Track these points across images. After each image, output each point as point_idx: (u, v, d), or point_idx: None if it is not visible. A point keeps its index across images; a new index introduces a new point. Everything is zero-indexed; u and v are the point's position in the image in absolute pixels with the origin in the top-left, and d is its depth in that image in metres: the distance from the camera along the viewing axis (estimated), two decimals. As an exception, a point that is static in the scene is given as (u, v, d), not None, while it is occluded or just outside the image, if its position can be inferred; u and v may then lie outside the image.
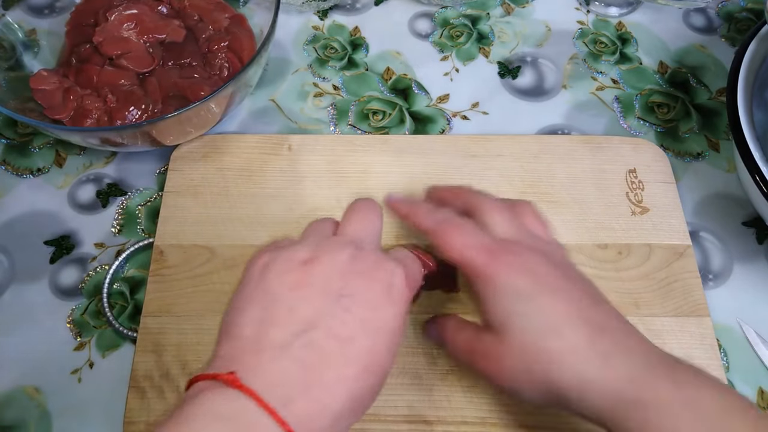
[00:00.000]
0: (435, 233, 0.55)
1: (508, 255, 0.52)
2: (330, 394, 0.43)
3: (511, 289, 0.50)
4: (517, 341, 0.50)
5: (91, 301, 0.68)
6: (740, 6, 0.91)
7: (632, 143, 0.76)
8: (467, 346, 0.54)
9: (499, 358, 0.51)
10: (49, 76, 0.74)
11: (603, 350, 0.48)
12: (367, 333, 0.45)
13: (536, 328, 0.49)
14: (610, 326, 0.50)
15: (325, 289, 0.46)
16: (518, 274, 0.51)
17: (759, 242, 0.73)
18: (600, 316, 0.51)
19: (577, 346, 0.48)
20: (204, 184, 0.73)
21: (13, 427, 0.63)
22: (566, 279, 0.53)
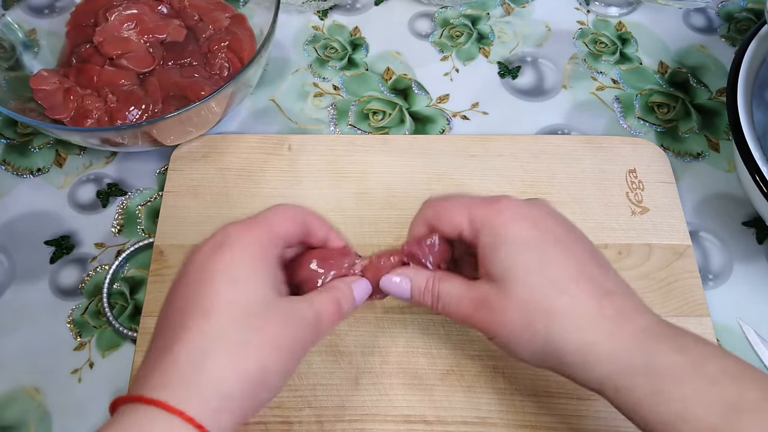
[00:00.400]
0: (434, 214, 0.54)
1: (510, 204, 0.51)
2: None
3: (517, 238, 0.49)
4: (520, 294, 0.48)
5: (91, 301, 0.69)
6: (740, 6, 0.91)
7: (632, 143, 0.76)
8: (461, 299, 0.52)
9: (497, 310, 0.49)
10: (49, 76, 0.74)
11: (609, 314, 0.47)
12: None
13: (541, 282, 0.48)
14: (615, 289, 0.49)
15: None
16: (524, 224, 0.50)
17: (759, 242, 0.73)
18: (604, 277, 0.50)
19: (583, 307, 0.47)
20: (204, 184, 0.73)
21: (14, 427, 0.63)
22: (571, 233, 0.52)
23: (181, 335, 0.43)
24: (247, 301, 0.45)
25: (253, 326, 0.44)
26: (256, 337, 0.44)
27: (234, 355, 0.43)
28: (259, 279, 0.47)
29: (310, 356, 0.63)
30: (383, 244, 0.69)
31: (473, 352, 0.64)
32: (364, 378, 0.62)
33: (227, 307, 0.45)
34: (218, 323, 0.44)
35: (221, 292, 0.45)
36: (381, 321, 0.65)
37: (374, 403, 0.61)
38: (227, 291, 0.45)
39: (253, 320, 0.45)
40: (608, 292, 0.48)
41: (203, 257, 0.48)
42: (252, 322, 0.45)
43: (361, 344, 0.64)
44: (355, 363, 0.63)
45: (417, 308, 0.66)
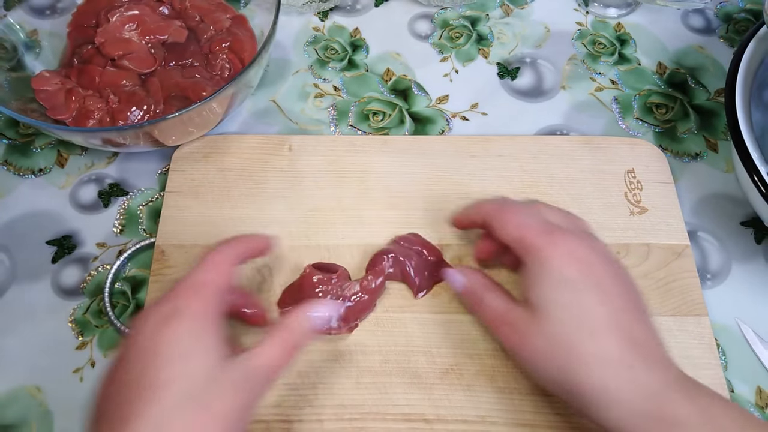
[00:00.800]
0: (493, 214, 0.57)
1: (563, 239, 0.53)
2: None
3: (560, 276, 0.51)
4: (551, 327, 0.51)
5: (93, 301, 0.69)
6: (739, 7, 0.91)
7: (630, 143, 0.77)
8: (498, 311, 0.56)
9: (527, 335, 0.52)
10: (51, 77, 0.75)
11: (632, 364, 0.49)
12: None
13: (573, 322, 0.50)
14: (643, 339, 0.51)
15: None
16: (570, 262, 0.52)
17: (757, 242, 0.73)
18: (636, 325, 0.51)
19: (609, 354, 0.49)
20: (205, 184, 0.73)
21: (15, 427, 0.63)
22: (614, 277, 0.53)
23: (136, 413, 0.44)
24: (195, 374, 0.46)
25: (202, 404, 0.45)
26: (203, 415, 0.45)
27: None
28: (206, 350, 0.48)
29: (311, 355, 0.63)
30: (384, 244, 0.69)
31: (473, 350, 0.64)
32: (364, 377, 0.62)
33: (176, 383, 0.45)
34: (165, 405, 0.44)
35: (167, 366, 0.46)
36: (381, 320, 0.65)
37: (374, 402, 0.61)
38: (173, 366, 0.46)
39: (203, 397, 0.45)
40: (636, 343, 0.50)
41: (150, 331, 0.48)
42: (200, 399, 0.45)
43: (361, 343, 0.64)
44: (355, 362, 0.63)
45: (417, 307, 0.66)
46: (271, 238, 0.61)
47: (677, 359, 0.63)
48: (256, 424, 0.60)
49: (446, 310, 0.66)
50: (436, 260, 0.67)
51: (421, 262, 0.67)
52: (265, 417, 0.60)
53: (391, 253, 0.66)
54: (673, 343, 0.64)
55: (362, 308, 0.64)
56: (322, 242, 0.69)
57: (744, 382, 0.65)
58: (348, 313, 0.63)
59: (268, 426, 0.60)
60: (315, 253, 0.69)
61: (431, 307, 0.66)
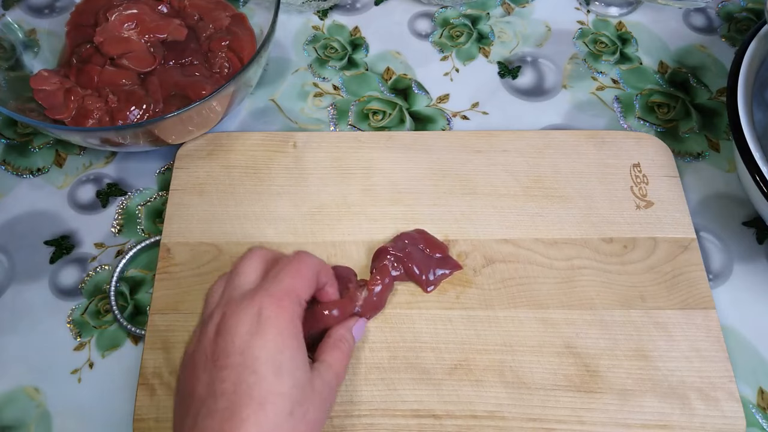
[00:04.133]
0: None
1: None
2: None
3: None
4: None
5: (91, 301, 0.68)
6: (740, 6, 0.91)
7: (636, 138, 0.77)
8: None
9: None
10: (49, 77, 0.74)
11: None
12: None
13: None
14: None
15: None
16: None
17: (759, 242, 0.73)
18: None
19: None
20: (210, 181, 0.73)
21: (13, 427, 0.62)
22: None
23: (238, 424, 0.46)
24: (293, 391, 0.48)
25: (299, 416, 0.48)
26: (302, 425, 0.48)
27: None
28: (298, 363, 0.50)
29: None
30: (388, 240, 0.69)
31: (481, 346, 0.64)
32: (372, 373, 0.62)
33: (277, 399, 0.47)
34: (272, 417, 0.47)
35: (269, 382, 0.48)
36: (388, 316, 0.65)
37: (383, 398, 0.61)
38: (273, 383, 0.48)
39: (299, 409, 0.48)
40: None
41: (242, 343, 0.49)
42: (297, 412, 0.48)
43: (369, 340, 0.64)
44: (363, 358, 0.63)
45: (424, 303, 0.66)
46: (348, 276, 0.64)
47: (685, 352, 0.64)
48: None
49: (453, 306, 0.66)
50: (442, 256, 0.67)
51: (424, 258, 0.67)
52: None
53: (392, 254, 0.66)
54: (680, 337, 0.64)
55: (373, 309, 0.64)
56: (327, 239, 0.69)
57: (746, 382, 0.65)
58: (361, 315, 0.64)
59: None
60: (321, 249, 0.69)
61: (439, 303, 0.66)
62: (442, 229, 0.69)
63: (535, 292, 0.67)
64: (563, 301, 0.66)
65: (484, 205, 0.71)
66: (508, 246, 0.69)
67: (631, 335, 0.65)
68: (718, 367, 0.63)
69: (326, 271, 0.58)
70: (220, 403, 0.47)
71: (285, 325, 0.50)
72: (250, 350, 0.48)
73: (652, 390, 0.62)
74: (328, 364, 0.54)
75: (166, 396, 0.61)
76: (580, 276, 0.68)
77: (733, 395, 0.62)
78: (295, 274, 0.53)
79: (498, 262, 0.68)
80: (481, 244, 0.69)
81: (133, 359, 0.65)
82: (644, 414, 0.61)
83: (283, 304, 0.51)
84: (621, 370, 0.63)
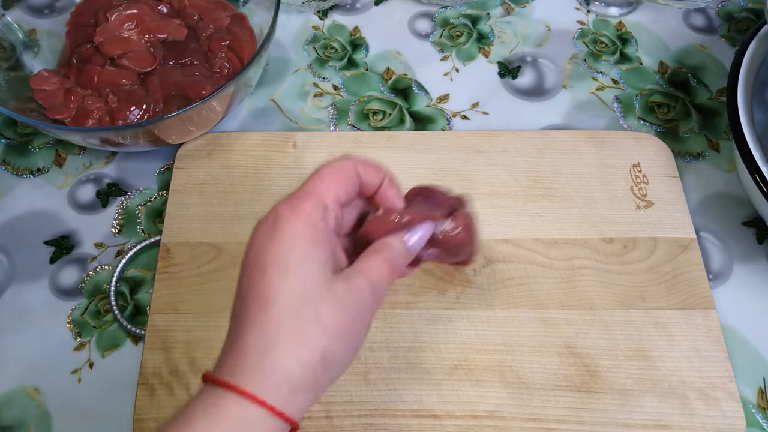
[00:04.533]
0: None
1: None
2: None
3: None
4: None
5: (91, 301, 0.68)
6: (740, 6, 0.91)
7: (636, 138, 0.77)
8: None
9: None
10: (49, 77, 0.74)
11: None
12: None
13: None
14: None
15: None
16: None
17: (759, 242, 0.73)
18: None
19: None
20: (209, 181, 0.73)
21: (13, 427, 0.62)
22: None
23: (246, 327, 0.45)
24: (300, 290, 0.46)
25: (309, 315, 0.45)
26: (312, 326, 0.45)
27: (293, 347, 0.44)
28: (310, 264, 0.47)
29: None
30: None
31: (480, 346, 0.64)
32: (372, 373, 0.62)
33: (281, 296, 0.45)
34: (275, 317, 0.45)
35: (275, 282, 0.46)
36: (388, 316, 0.65)
37: (383, 398, 0.61)
38: (280, 282, 0.46)
39: (307, 309, 0.45)
40: None
41: (258, 243, 0.48)
42: (307, 311, 0.45)
43: (369, 339, 0.64)
44: (363, 358, 0.63)
45: (424, 303, 0.66)
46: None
47: (686, 352, 0.63)
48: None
49: (453, 306, 0.66)
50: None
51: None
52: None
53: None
54: (680, 337, 0.65)
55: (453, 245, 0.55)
56: None
57: (746, 382, 0.65)
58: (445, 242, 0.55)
59: (276, 424, 0.60)
60: None
61: (439, 303, 0.66)
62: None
63: (535, 292, 0.67)
64: (563, 301, 0.66)
65: (484, 205, 0.71)
66: (508, 246, 0.69)
67: (631, 335, 0.65)
68: (718, 367, 0.63)
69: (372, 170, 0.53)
70: (236, 306, 0.47)
71: (300, 227, 0.48)
72: (262, 253, 0.47)
73: (652, 390, 0.62)
74: (360, 270, 0.49)
75: (166, 396, 0.61)
76: (580, 276, 0.68)
77: (733, 395, 0.62)
78: (318, 177, 0.51)
79: (498, 262, 0.68)
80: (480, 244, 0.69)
81: (133, 359, 0.65)
82: (644, 414, 0.61)
83: (299, 207, 0.49)
84: (621, 370, 0.63)
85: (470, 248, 0.57)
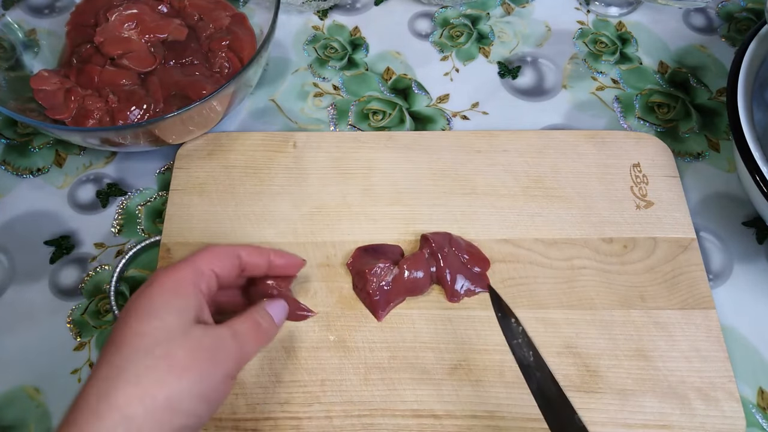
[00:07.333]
0: None
1: None
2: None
3: None
4: None
5: (91, 301, 0.68)
6: (740, 6, 0.91)
7: (636, 138, 0.77)
8: None
9: None
10: (50, 77, 0.74)
11: None
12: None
13: None
14: None
15: None
16: None
17: (759, 242, 0.73)
18: None
19: None
20: (210, 181, 0.73)
21: (13, 427, 0.62)
22: None
23: (96, 369, 0.46)
24: (155, 331, 0.47)
25: (159, 354, 0.46)
26: (161, 363, 0.46)
27: (138, 383, 0.45)
28: (170, 310, 0.49)
29: (318, 352, 0.63)
30: (388, 240, 0.69)
31: (481, 346, 0.64)
32: (372, 373, 0.62)
33: (134, 339, 0.47)
34: (125, 354, 0.46)
35: (132, 325, 0.47)
36: (388, 316, 0.65)
37: (383, 398, 0.61)
38: (137, 324, 0.47)
39: (158, 349, 0.46)
40: None
41: (132, 298, 0.50)
42: (158, 351, 0.46)
43: (369, 340, 0.64)
44: (363, 358, 0.63)
45: (424, 303, 0.66)
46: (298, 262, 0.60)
47: (685, 352, 0.63)
48: (264, 422, 0.60)
49: (453, 306, 0.66)
50: (480, 272, 0.68)
51: (459, 266, 0.67)
52: (274, 414, 0.60)
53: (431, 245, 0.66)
54: (680, 337, 0.65)
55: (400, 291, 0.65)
56: (327, 239, 0.69)
57: (746, 382, 0.65)
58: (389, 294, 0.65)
59: (276, 423, 0.60)
60: (321, 249, 0.69)
61: (438, 303, 0.66)
62: (441, 229, 0.69)
63: (535, 292, 0.67)
64: (563, 301, 0.66)
65: (483, 205, 0.71)
66: (508, 246, 0.69)
67: (631, 335, 0.65)
68: (718, 367, 0.63)
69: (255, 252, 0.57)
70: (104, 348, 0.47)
71: (169, 283, 0.50)
72: (131, 304, 0.49)
73: (652, 390, 0.62)
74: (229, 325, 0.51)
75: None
76: (580, 276, 0.68)
77: (733, 395, 0.62)
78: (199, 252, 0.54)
79: (498, 262, 0.68)
80: (481, 244, 0.69)
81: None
82: (644, 414, 0.61)
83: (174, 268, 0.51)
84: (621, 370, 0.63)
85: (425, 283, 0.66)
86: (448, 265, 0.66)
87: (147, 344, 0.46)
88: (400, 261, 0.65)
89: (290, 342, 0.64)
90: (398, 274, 0.64)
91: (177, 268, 0.51)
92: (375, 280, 0.64)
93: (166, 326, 0.47)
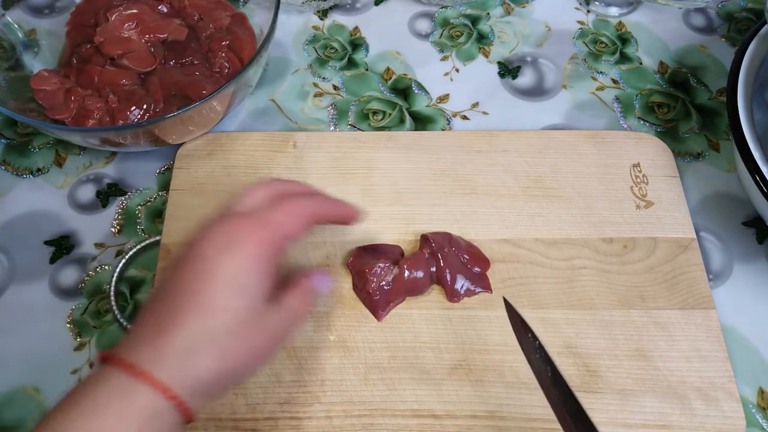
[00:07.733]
0: None
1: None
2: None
3: None
4: None
5: (91, 301, 0.68)
6: (740, 6, 0.91)
7: (636, 138, 0.77)
8: None
9: None
10: (50, 77, 0.74)
11: None
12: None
13: None
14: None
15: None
16: None
17: (759, 242, 0.73)
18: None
19: None
20: (210, 181, 0.73)
21: (13, 427, 0.62)
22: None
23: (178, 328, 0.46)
24: (240, 310, 0.48)
25: (240, 334, 0.48)
26: (239, 344, 0.48)
27: (218, 358, 0.47)
28: (256, 289, 0.50)
29: (318, 352, 0.63)
30: (389, 240, 0.69)
31: (481, 346, 0.64)
32: (372, 373, 0.62)
33: (222, 314, 0.48)
34: (211, 328, 0.47)
35: (220, 296, 0.48)
36: (388, 316, 0.65)
37: (383, 398, 0.61)
38: (225, 297, 0.48)
39: (240, 329, 0.48)
40: None
41: (211, 252, 0.49)
42: (239, 331, 0.48)
43: (369, 340, 0.64)
44: (363, 358, 0.63)
45: (424, 303, 0.66)
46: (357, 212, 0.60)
47: (685, 352, 0.63)
48: (264, 422, 0.60)
49: (453, 306, 0.66)
50: (480, 272, 0.68)
51: (459, 266, 0.67)
52: (274, 414, 0.60)
53: (430, 246, 0.67)
54: (681, 337, 0.65)
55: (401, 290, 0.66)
56: (327, 239, 0.69)
57: (746, 382, 0.65)
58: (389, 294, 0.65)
59: (277, 423, 0.60)
60: (321, 249, 0.69)
61: (438, 303, 0.66)
62: (441, 229, 0.69)
63: (535, 292, 0.67)
64: (563, 301, 0.66)
65: (483, 205, 0.71)
66: (508, 246, 0.69)
67: (631, 335, 0.65)
68: (718, 367, 0.63)
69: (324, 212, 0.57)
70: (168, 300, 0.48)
71: (259, 252, 0.50)
72: (216, 263, 0.49)
73: (652, 390, 0.62)
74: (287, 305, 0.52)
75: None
76: (580, 276, 0.68)
77: (733, 395, 0.62)
78: (285, 212, 0.53)
79: (498, 262, 0.68)
80: (481, 244, 0.69)
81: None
82: (644, 414, 0.61)
83: (262, 234, 0.51)
84: (621, 370, 0.63)
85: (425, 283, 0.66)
86: (448, 265, 0.66)
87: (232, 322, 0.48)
88: (400, 261, 0.65)
89: (290, 342, 0.64)
90: (398, 274, 0.64)
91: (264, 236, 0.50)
92: (375, 280, 0.64)
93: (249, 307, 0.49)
